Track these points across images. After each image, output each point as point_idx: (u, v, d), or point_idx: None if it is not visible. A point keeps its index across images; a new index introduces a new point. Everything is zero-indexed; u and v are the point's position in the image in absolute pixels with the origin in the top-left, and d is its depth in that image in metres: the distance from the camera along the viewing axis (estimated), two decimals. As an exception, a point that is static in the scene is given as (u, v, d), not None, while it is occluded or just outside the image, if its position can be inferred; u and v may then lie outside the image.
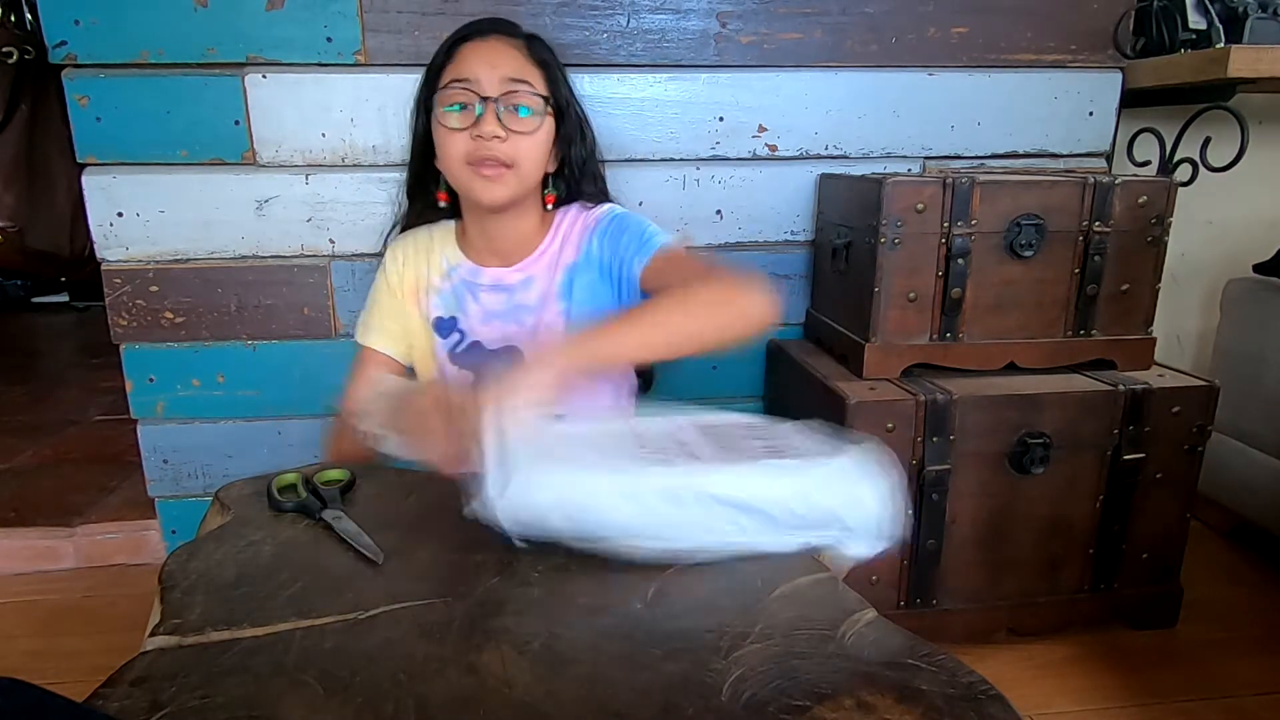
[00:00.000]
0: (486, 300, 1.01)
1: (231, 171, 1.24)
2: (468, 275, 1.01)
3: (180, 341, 1.28)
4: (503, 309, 1.00)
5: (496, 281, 1.00)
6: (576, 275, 0.99)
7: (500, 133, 0.89)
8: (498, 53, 0.92)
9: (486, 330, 1.00)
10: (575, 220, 1.02)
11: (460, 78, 0.91)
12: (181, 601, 0.59)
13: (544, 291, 1.00)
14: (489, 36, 0.94)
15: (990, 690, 0.48)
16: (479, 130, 0.89)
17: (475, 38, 0.93)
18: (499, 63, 0.91)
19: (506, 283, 1.00)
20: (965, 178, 1.09)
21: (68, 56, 1.17)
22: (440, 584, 0.62)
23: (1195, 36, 1.29)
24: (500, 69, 0.91)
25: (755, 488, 0.63)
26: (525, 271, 1.01)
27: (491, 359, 1.00)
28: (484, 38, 0.94)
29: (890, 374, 1.15)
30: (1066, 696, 1.09)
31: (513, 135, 0.90)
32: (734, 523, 0.63)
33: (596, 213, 1.02)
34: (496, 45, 0.93)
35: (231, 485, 0.80)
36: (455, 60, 0.92)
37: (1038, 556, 1.16)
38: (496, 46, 0.93)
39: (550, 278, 1.00)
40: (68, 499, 1.57)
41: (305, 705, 0.48)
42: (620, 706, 0.48)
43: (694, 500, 0.62)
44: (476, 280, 1.01)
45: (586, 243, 1.00)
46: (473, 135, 0.89)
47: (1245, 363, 1.42)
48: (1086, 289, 1.15)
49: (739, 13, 1.27)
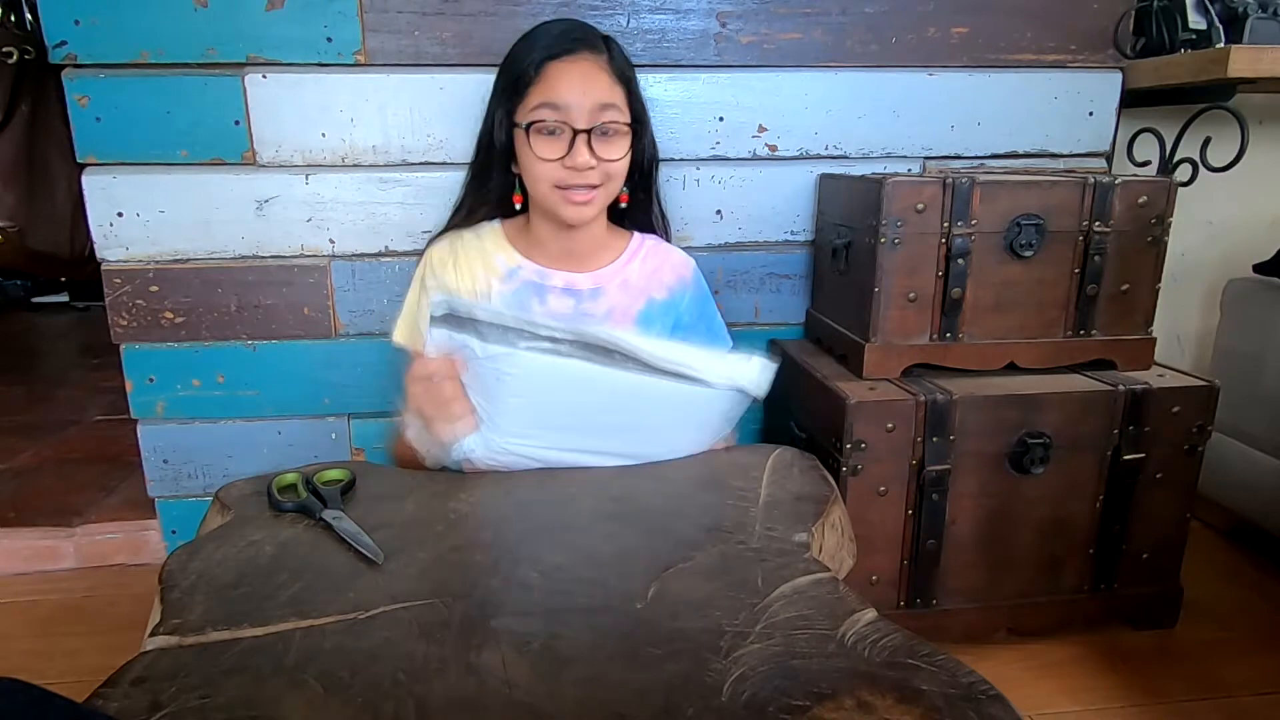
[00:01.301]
0: (554, 303, 1.02)
1: (231, 171, 1.24)
2: (535, 277, 1.02)
3: (180, 341, 1.29)
4: (568, 313, 1.01)
5: (569, 285, 1.02)
6: (660, 316, 1.04)
7: (593, 162, 0.91)
8: (588, 77, 0.92)
9: None
10: (660, 255, 1.07)
11: (551, 103, 0.91)
12: (181, 601, 0.59)
13: (616, 309, 1.03)
14: (578, 56, 0.93)
15: (990, 690, 0.48)
16: (572, 162, 0.91)
17: (564, 57, 0.92)
18: (590, 89, 0.91)
19: (577, 288, 1.02)
20: (965, 178, 1.09)
21: (68, 56, 1.17)
22: (440, 584, 0.62)
23: (1195, 36, 1.28)
24: (591, 96, 0.91)
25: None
26: (598, 282, 1.03)
27: None
28: (573, 57, 0.92)
29: (890, 374, 1.15)
30: (1066, 696, 1.09)
31: (602, 163, 0.92)
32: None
33: (691, 266, 1.09)
34: (586, 68, 0.92)
35: (231, 485, 0.80)
36: (544, 81, 0.92)
37: (1038, 556, 1.16)
38: (587, 70, 0.92)
39: (627, 300, 1.03)
40: (68, 499, 1.57)
41: (305, 705, 0.48)
42: (620, 706, 0.48)
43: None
44: (546, 282, 1.01)
45: (679, 295, 1.07)
46: (565, 165, 0.91)
47: (1245, 363, 1.42)
48: (1086, 289, 1.15)
49: (739, 13, 1.27)
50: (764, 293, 1.38)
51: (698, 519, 0.73)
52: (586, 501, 0.77)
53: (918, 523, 1.12)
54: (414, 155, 1.25)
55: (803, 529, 0.70)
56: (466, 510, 0.76)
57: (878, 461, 1.10)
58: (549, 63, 0.92)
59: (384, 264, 1.29)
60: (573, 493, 0.79)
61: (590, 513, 0.75)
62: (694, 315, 1.09)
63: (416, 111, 1.24)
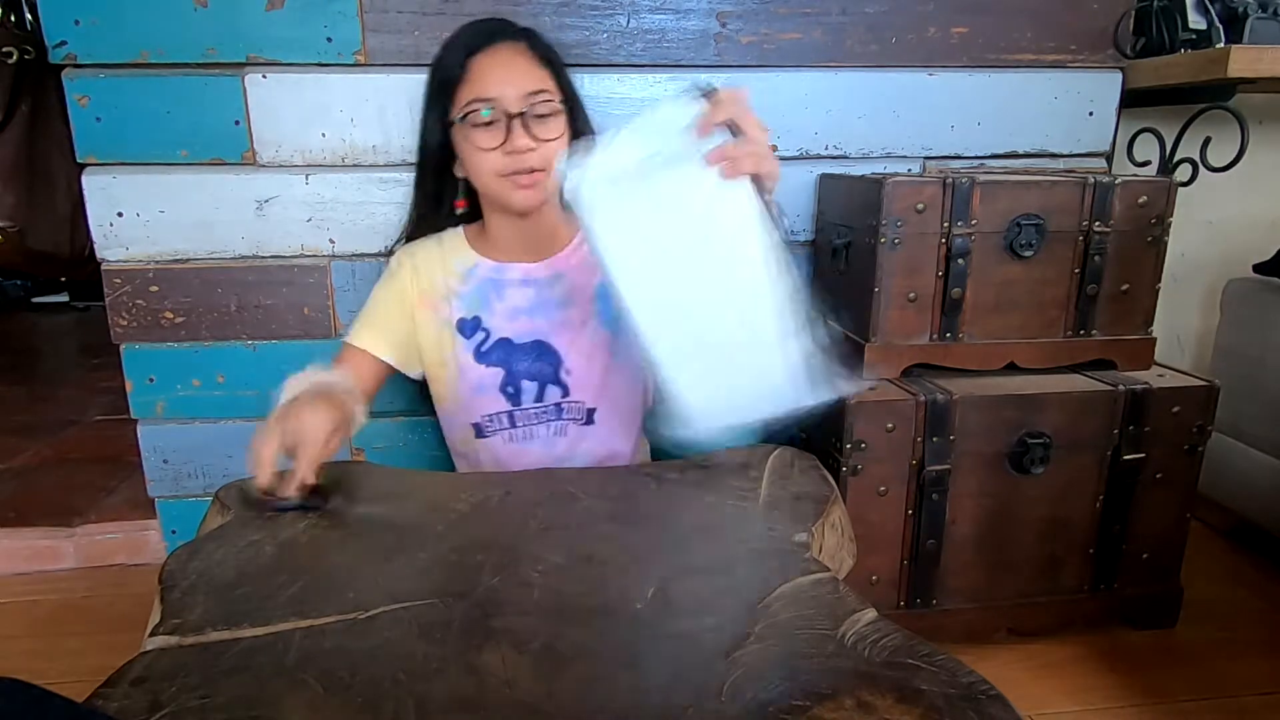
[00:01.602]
0: (513, 296, 1.02)
1: (231, 171, 1.23)
2: (491, 273, 1.02)
3: (180, 341, 1.28)
4: (529, 304, 1.02)
5: (526, 276, 1.02)
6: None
7: (532, 144, 0.92)
8: (511, 64, 0.93)
9: (513, 326, 1.02)
10: None
11: (482, 97, 0.92)
12: (181, 601, 0.59)
13: (574, 290, 1.02)
14: (497, 46, 0.94)
15: (990, 690, 0.48)
16: (512, 146, 0.91)
17: (483, 49, 0.93)
18: (515, 76, 0.92)
19: (535, 277, 1.02)
20: (965, 178, 1.09)
21: (68, 56, 1.17)
22: (440, 584, 0.62)
23: (1195, 36, 1.28)
24: (518, 82, 0.92)
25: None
26: (554, 268, 1.03)
27: (521, 354, 1.02)
28: (492, 48, 0.94)
29: (890, 374, 1.15)
30: (1066, 696, 1.09)
31: (541, 144, 0.93)
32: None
33: None
34: (508, 57, 0.94)
35: (231, 485, 0.80)
36: (470, 78, 0.93)
37: (1038, 556, 1.16)
38: (508, 58, 0.94)
39: (584, 277, 1.03)
40: (68, 499, 1.57)
41: (305, 705, 0.48)
42: (620, 706, 0.48)
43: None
44: (502, 277, 1.02)
45: None
46: (505, 152, 0.92)
47: (1245, 363, 1.42)
48: (1086, 289, 1.15)
49: (739, 13, 1.27)
50: (764, 293, 1.38)
51: (698, 519, 0.73)
52: (586, 501, 0.77)
53: (918, 523, 1.12)
54: (414, 155, 1.25)
55: (803, 529, 0.70)
56: (466, 510, 0.76)
57: (878, 461, 1.10)
58: (471, 59, 0.93)
59: (384, 264, 1.28)
60: (573, 493, 0.79)
61: (590, 513, 0.75)
62: None
63: (416, 111, 1.22)
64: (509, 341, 1.01)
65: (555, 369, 1.01)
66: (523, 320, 1.01)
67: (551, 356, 1.01)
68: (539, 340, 1.01)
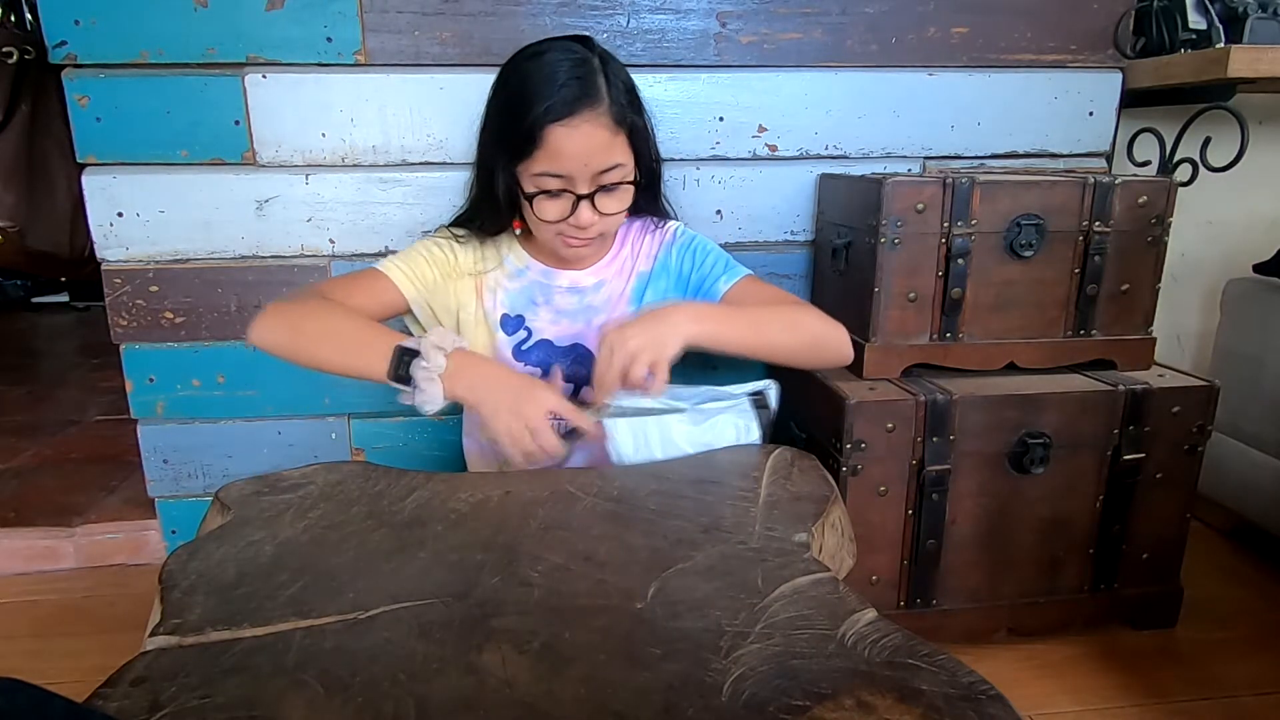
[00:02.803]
0: (560, 301, 1.03)
1: (231, 171, 1.24)
2: (541, 277, 1.03)
3: (180, 341, 1.29)
4: (573, 309, 1.03)
5: (573, 284, 1.03)
6: (650, 284, 1.05)
7: (595, 219, 0.92)
8: (590, 140, 0.89)
9: (555, 329, 1.03)
10: (645, 232, 1.07)
11: (553, 172, 0.89)
12: (181, 601, 0.59)
13: (613, 294, 1.04)
14: (579, 118, 0.88)
15: (990, 690, 0.48)
16: (576, 222, 0.92)
17: (565, 120, 0.87)
18: (592, 155, 0.89)
19: (581, 285, 1.04)
20: (965, 178, 1.09)
21: (68, 56, 1.17)
22: (440, 584, 0.62)
23: (1195, 36, 1.28)
24: (593, 161, 0.89)
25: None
26: (598, 275, 1.04)
27: (560, 356, 1.03)
28: (574, 119, 0.88)
29: (890, 374, 1.15)
30: (1066, 696, 1.09)
31: (604, 218, 0.93)
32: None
33: (670, 228, 1.08)
34: (588, 130, 0.88)
35: (231, 485, 0.80)
36: (546, 148, 0.88)
37: (1038, 556, 1.16)
38: (588, 132, 0.88)
39: (621, 283, 1.04)
40: (68, 499, 1.57)
41: (305, 705, 0.48)
42: (620, 706, 0.48)
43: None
44: (551, 282, 1.03)
45: (664, 255, 1.06)
46: (569, 223, 0.92)
47: (1245, 363, 1.42)
48: (1086, 289, 1.15)
49: (739, 13, 1.27)
50: (764, 293, 1.38)
51: (698, 519, 0.73)
52: (586, 501, 0.77)
53: (918, 523, 1.12)
54: (414, 155, 1.26)
55: (803, 529, 0.70)
56: (466, 510, 0.76)
57: (878, 461, 1.10)
58: (549, 127, 0.88)
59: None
60: (573, 493, 0.79)
61: (590, 513, 0.75)
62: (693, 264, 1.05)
63: (416, 111, 1.24)
64: (549, 343, 1.03)
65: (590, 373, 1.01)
66: (565, 324, 1.03)
67: (588, 360, 1.01)
68: (577, 344, 1.02)
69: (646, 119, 0.99)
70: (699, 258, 1.06)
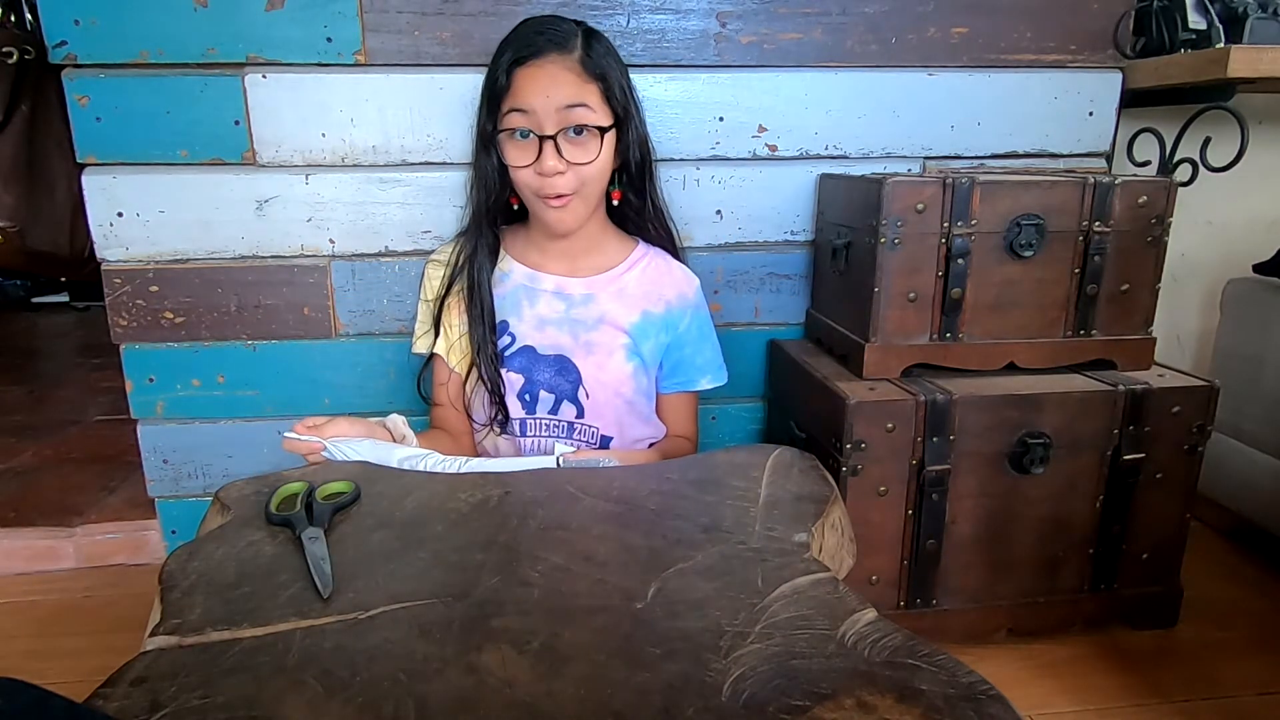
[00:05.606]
0: (544, 306, 1.02)
1: (231, 171, 1.24)
2: (525, 280, 1.02)
3: (180, 341, 1.29)
4: (557, 317, 1.02)
5: (558, 288, 1.02)
6: (656, 329, 1.05)
7: (561, 167, 0.91)
8: (553, 78, 0.90)
9: (539, 336, 1.02)
10: (664, 271, 1.07)
11: (519, 108, 0.90)
12: (181, 601, 0.59)
13: (607, 316, 1.02)
14: (544, 58, 0.91)
15: (990, 690, 0.48)
16: (540, 168, 0.91)
17: (531, 60, 0.90)
18: (554, 91, 0.90)
19: (568, 291, 1.02)
20: (965, 178, 1.09)
21: (68, 56, 1.17)
22: (440, 584, 0.62)
23: (1195, 36, 1.28)
24: (555, 97, 0.90)
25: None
26: (590, 288, 1.03)
27: (543, 365, 1.03)
28: (539, 60, 0.90)
29: (890, 374, 1.15)
30: (1066, 696, 1.09)
31: (573, 167, 0.92)
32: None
33: (695, 286, 1.10)
34: (552, 70, 0.90)
35: (231, 485, 0.80)
36: (513, 87, 0.91)
37: (1038, 556, 1.16)
38: (552, 71, 0.90)
39: (620, 310, 1.03)
40: (68, 499, 1.57)
41: (305, 705, 0.48)
42: (620, 706, 0.48)
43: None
44: (536, 285, 1.02)
45: (680, 311, 1.07)
46: (535, 170, 0.91)
47: (1245, 363, 1.42)
48: (1086, 289, 1.15)
49: (739, 13, 1.27)
50: (764, 293, 1.38)
51: (698, 519, 0.73)
52: (586, 501, 0.77)
53: (918, 523, 1.12)
54: (414, 155, 1.25)
55: (803, 529, 0.70)
56: (466, 510, 0.76)
57: (878, 461, 1.10)
58: (516, 68, 0.91)
59: (384, 264, 1.29)
60: (573, 493, 0.79)
61: (590, 513, 0.75)
62: (695, 334, 1.10)
63: (416, 111, 1.24)
64: (532, 350, 1.02)
65: (574, 387, 1.01)
66: (549, 331, 1.01)
67: (572, 374, 1.01)
68: (562, 355, 1.01)
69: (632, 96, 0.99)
70: (695, 344, 1.10)
